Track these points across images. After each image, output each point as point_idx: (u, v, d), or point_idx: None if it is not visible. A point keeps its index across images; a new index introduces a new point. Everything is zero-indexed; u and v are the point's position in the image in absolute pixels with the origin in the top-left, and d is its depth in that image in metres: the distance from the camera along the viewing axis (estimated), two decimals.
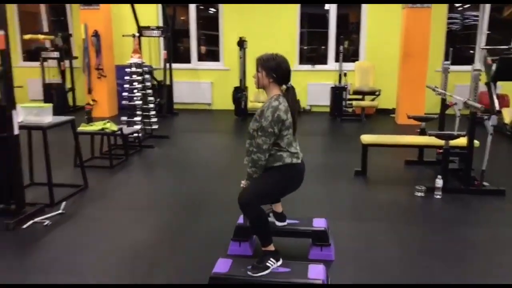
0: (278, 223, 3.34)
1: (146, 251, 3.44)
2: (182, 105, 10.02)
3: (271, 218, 3.35)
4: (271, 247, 2.80)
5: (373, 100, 9.07)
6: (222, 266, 2.76)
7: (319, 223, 3.37)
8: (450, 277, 3.06)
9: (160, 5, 9.69)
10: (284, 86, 2.90)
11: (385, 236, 3.71)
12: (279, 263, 2.77)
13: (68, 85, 9.91)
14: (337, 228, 3.76)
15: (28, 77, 10.31)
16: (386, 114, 9.30)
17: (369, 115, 9.21)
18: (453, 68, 8.94)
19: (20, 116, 4.27)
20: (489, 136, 4.52)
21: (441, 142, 4.65)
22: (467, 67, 9.14)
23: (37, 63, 9.71)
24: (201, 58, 10.45)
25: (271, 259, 2.75)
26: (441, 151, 4.75)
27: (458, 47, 10.19)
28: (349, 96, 9.02)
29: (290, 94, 2.87)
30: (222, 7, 9.90)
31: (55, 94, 9.50)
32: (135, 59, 6.60)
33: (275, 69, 2.83)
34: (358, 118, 8.83)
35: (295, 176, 2.92)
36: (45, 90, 9.55)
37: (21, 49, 10.73)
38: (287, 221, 3.36)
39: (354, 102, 8.95)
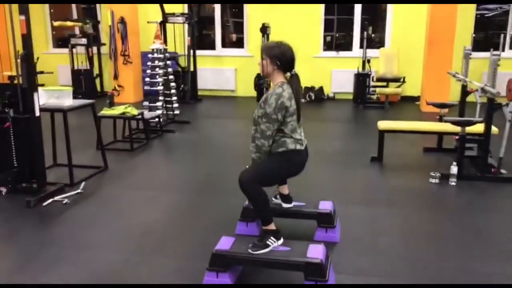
0: (284, 205, 3.40)
1: (157, 229, 3.56)
2: (206, 91, 10.13)
3: (278, 200, 3.42)
4: (272, 226, 2.86)
5: (398, 87, 8.95)
6: (224, 243, 2.84)
7: (325, 206, 3.41)
8: (452, 264, 3.06)
9: None
10: (288, 74, 2.93)
11: (393, 221, 3.71)
12: (280, 242, 2.83)
13: (96, 71, 10.16)
14: (346, 212, 3.80)
15: (58, 63, 10.62)
16: (411, 101, 9.17)
17: (394, 102, 9.10)
18: (482, 54, 8.76)
19: (42, 99, 4.45)
20: (508, 123, 4.44)
21: (458, 128, 4.59)
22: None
23: (67, 50, 9.97)
24: (225, 44, 10.52)
25: (272, 237, 2.80)
26: (457, 137, 4.68)
27: (491, 33, 9.94)
28: (372, 83, 8.93)
29: (294, 81, 2.90)
30: None
31: (83, 80, 9.76)
32: (156, 45, 6.72)
33: (279, 57, 2.87)
34: (382, 105, 8.74)
35: (297, 162, 2.98)
36: (74, 76, 9.81)
37: (52, 36, 11.03)
38: (294, 203, 3.42)
39: (377, 89, 8.86)
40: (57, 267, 2.99)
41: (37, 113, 4.07)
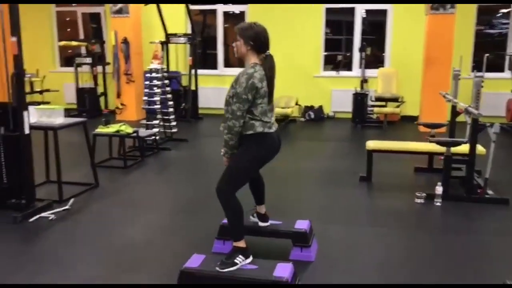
0: (261, 224, 3.44)
1: (137, 246, 3.61)
2: (208, 110, 10.24)
3: (254, 219, 3.46)
4: (242, 244, 2.90)
5: (397, 107, 8.98)
6: (194, 261, 2.90)
7: (300, 225, 3.44)
8: (424, 284, 3.06)
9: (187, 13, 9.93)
10: (262, 55, 2.95)
11: (372, 240, 3.73)
12: (248, 260, 2.87)
13: (101, 89, 10.36)
14: (327, 231, 3.84)
15: (65, 81, 10.86)
16: (411, 121, 9.15)
17: (394, 122, 9.12)
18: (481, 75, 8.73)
19: (34, 117, 4.57)
20: (492, 144, 4.44)
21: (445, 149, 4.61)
22: (498, 74, 8.98)
23: (73, 68, 10.19)
24: (227, 64, 10.68)
25: (240, 256, 2.85)
26: (442, 157, 4.70)
27: (494, 54, 9.97)
28: (371, 103, 8.98)
29: (267, 63, 2.91)
30: (248, 13, 10.08)
31: (87, 98, 9.95)
32: (154, 65, 6.87)
33: (253, 38, 2.89)
34: (380, 125, 8.77)
35: (267, 145, 2.95)
36: (78, 94, 10.01)
37: (60, 55, 11.30)
38: (271, 221, 3.46)
39: (375, 109, 8.91)
40: (37, 282, 3.06)
41: (27, 131, 4.19)
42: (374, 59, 10.09)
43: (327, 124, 9.26)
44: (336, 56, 10.38)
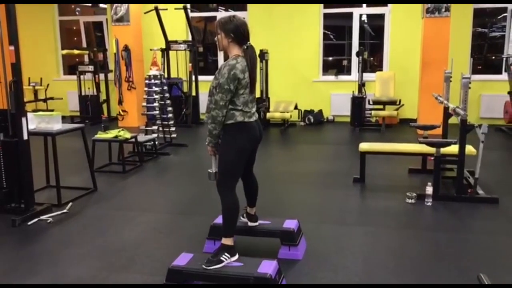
0: (250, 223, 3.54)
1: (131, 247, 3.72)
2: None
3: (244, 219, 3.56)
4: (229, 242, 2.99)
5: (396, 110, 9.05)
6: (182, 259, 2.99)
7: (289, 224, 3.53)
8: (407, 280, 3.14)
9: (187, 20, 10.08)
10: (244, 47, 3.05)
11: (360, 240, 3.81)
12: (234, 258, 2.96)
13: (103, 96, 10.52)
14: (318, 231, 3.94)
15: (68, 89, 11.04)
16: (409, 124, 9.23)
17: (392, 125, 9.19)
18: (479, 77, 8.88)
19: (33, 123, 4.71)
20: (481, 144, 4.51)
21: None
22: (496, 77, 9.06)
23: (76, 77, 10.37)
24: None
25: (226, 253, 2.94)
26: (432, 158, 4.77)
27: (489, 56, 10.03)
28: (369, 106, 9.06)
29: (249, 53, 3.03)
30: (247, 19, 10.21)
31: (90, 105, 10.12)
32: (153, 72, 7.00)
33: (233, 30, 3.01)
34: (378, 128, 8.85)
35: (247, 134, 3.05)
36: (81, 101, 10.18)
37: (63, 64, 11.49)
38: (260, 221, 3.56)
39: (373, 112, 8.99)
40: (30, 281, 3.17)
41: (25, 137, 4.31)
42: (372, 64, 10.19)
43: (326, 128, 9.35)
44: (341, 61, 10.48)
